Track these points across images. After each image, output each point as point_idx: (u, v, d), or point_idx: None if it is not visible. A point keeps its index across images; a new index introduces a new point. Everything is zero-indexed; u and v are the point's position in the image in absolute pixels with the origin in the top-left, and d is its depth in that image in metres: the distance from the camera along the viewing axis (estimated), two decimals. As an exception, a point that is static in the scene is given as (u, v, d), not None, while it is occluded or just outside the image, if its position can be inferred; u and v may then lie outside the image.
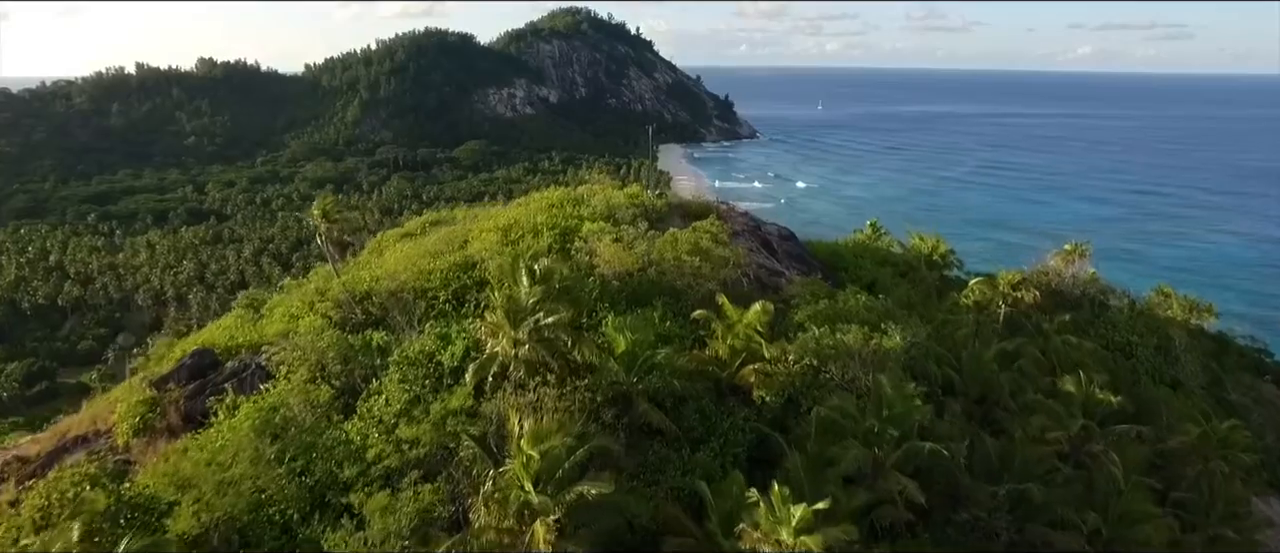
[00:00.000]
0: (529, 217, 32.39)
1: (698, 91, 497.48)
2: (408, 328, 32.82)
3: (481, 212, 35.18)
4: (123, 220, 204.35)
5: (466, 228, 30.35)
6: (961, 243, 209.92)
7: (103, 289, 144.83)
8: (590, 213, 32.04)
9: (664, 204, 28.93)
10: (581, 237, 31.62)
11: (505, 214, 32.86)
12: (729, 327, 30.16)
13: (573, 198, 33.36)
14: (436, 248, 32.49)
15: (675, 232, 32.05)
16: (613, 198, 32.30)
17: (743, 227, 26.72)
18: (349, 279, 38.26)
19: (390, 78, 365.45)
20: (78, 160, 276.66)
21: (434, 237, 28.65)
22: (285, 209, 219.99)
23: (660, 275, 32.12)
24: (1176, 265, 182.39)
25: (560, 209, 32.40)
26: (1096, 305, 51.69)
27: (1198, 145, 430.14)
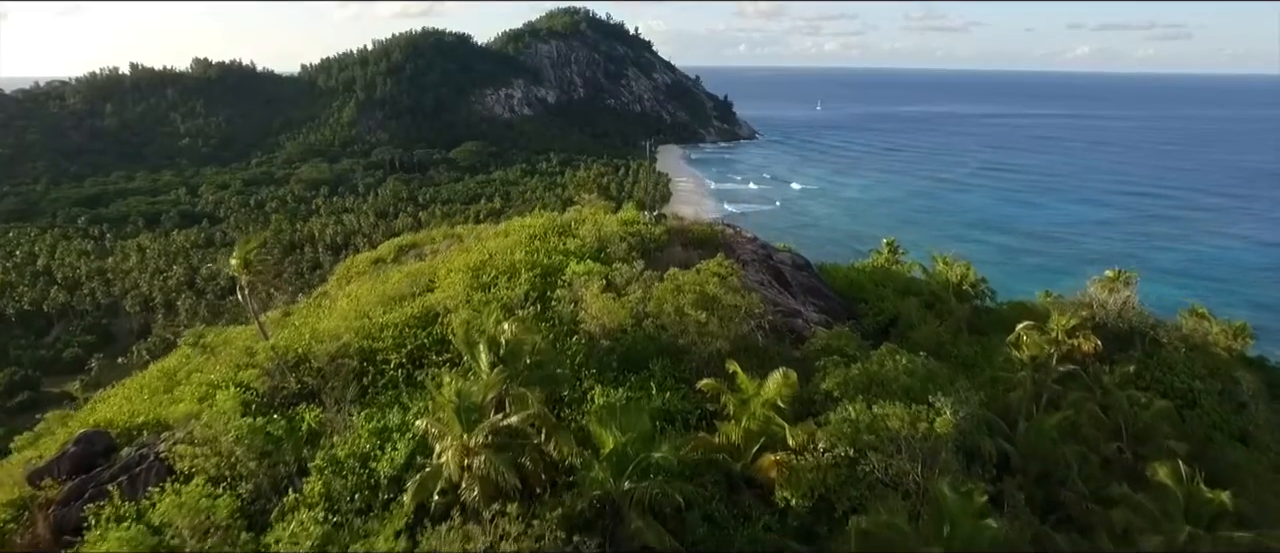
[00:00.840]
0: (506, 251, 26.63)
1: (697, 92, 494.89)
2: (343, 407, 26.86)
3: (458, 243, 28.61)
4: (114, 223, 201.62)
5: (433, 265, 26.01)
6: (962, 246, 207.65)
7: (90, 295, 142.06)
8: (578, 245, 26.55)
9: (662, 232, 24.04)
10: (565, 281, 25.92)
11: (480, 247, 27.24)
12: (743, 402, 24.65)
13: (558, 226, 28.06)
14: (398, 289, 26.18)
15: (677, 273, 26.17)
16: (604, 225, 26.99)
17: (751, 255, 22.59)
18: (283, 339, 32.14)
19: (386, 78, 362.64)
20: (70, 162, 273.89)
21: (396, 276, 23.32)
22: (279, 212, 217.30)
23: (659, 330, 26.66)
24: (1179, 270, 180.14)
25: (543, 242, 26.93)
26: (1147, 341, 44.96)
27: (1198, 146, 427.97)
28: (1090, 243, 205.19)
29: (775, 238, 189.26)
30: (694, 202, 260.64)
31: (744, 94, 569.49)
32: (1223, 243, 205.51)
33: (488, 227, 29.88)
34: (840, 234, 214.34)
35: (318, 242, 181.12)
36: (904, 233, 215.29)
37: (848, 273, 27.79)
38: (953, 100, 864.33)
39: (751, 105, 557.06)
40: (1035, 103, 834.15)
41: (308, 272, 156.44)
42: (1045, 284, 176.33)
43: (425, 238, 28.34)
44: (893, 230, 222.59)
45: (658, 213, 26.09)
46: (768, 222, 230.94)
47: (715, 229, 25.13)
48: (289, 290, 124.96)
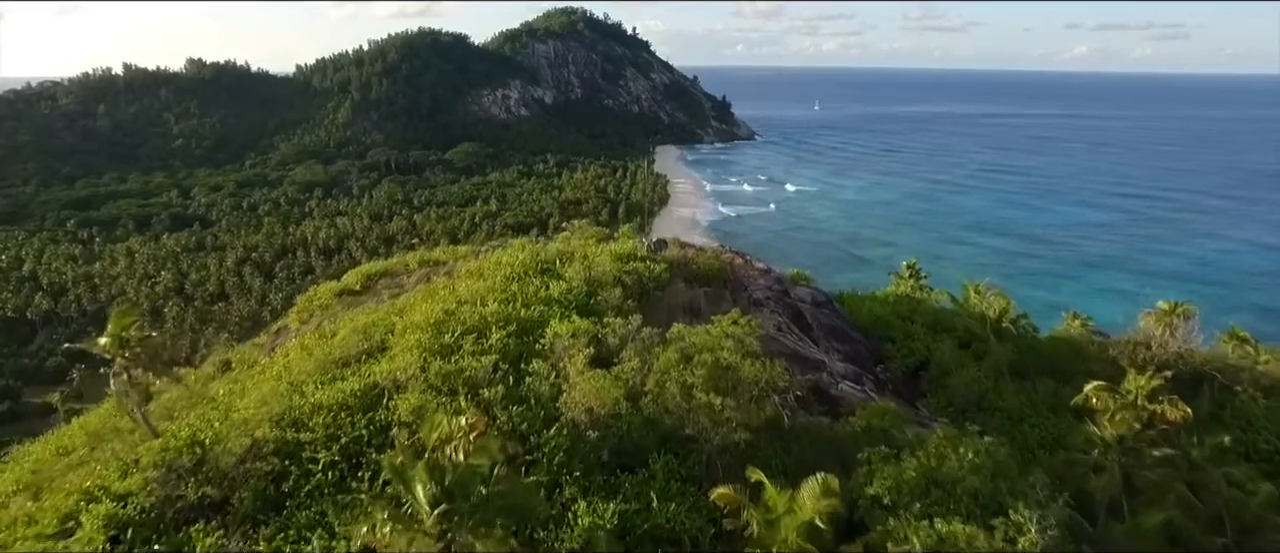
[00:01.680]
0: (478, 298, 20.03)
1: (695, 92, 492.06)
2: (249, 535, 20.16)
3: (429, 279, 22.62)
4: (104, 226, 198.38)
5: (389, 315, 19.80)
6: (960, 249, 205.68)
7: (76, 301, 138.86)
8: (563, 291, 20.46)
9: (663, 269, 20.53)
10: (545, 344, 19.63)
11: (449, 291, 20.67)
12: (771, 523, 19.22)
13: (542, 262, 22.32)
14: (343, 349, 19.77)
15: (682, 332, 20.17)
16: (595, 263, 21.37)
17: (765, 291, 18.91)
18: (185, 428, 23.97)
19: (382, 78, 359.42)
20: (62, 163, 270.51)
21: (343, 331, 18.29)
22: (272, 214, 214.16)
23: (661, 411, 20.61)
24: (1182, 273, 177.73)
25: (522, 285, 20.87)
26: (1216, 388, 38.15)
27: (1198, 147, 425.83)
28: (1091, 246, 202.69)
29: (772, 239, 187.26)
30: (692, 203, 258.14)
31: (742, 94, 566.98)
32: (1225, 246, 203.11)
33: (468, 253, 24.55)
34: (836, 237, 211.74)
35: (310, 245, 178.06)
36: (902, 235, 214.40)
37: (871, 307, 23.37)
38: (951, 100, 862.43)
39: (750, 105, 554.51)
40: (1033, 103, 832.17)
41: (299, 277, 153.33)
42: (1046, 288, 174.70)
43: (399, 264, 23.71)
44: (891, 233, 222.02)
45: (657, 240, 21.66)
46: (764, 224, 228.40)
47: (722, 259, 20.34)
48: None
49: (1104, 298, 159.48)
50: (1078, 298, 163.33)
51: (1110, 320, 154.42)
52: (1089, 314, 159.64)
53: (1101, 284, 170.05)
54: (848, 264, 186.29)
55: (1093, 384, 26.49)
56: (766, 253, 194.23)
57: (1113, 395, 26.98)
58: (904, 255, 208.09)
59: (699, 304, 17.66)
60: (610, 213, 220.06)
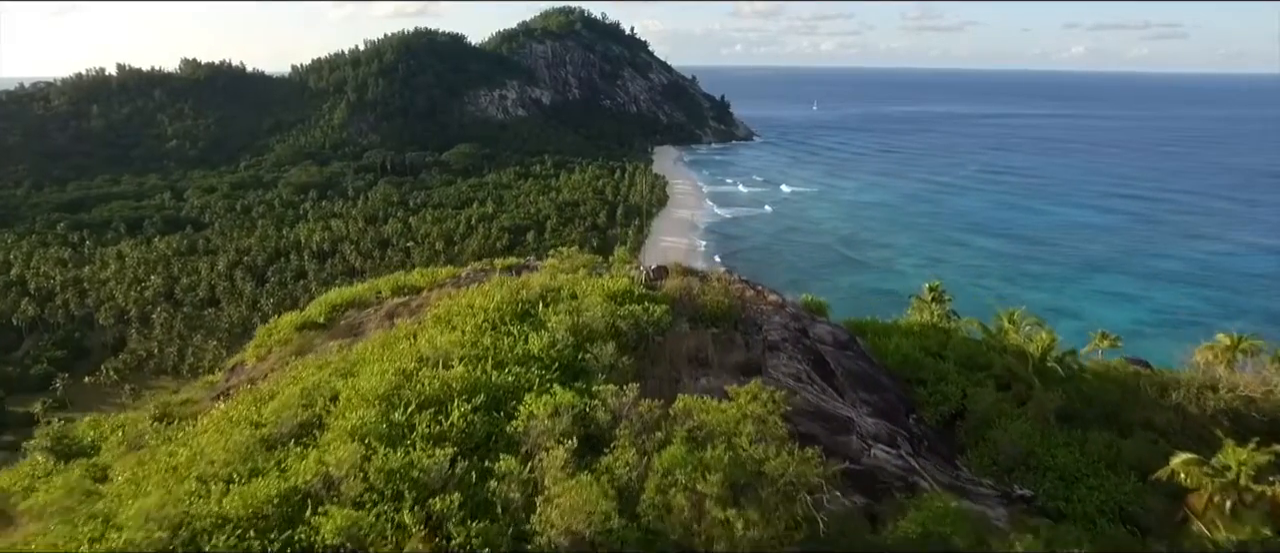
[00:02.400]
0: (443, 354, 15.25)
1: (693, 92, 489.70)
2: None
3: (395, 319, 18.58)
4: (95, 229, 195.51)
5: (333, 378, 14.73)
6: (960, 252, 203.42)
7: (63, 306, 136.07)
8: (544, 348, 15.54)
9: (664, 312, 16.48)
10: (518, 429, 14.43)
11: (408, 345, 15.89)
12: None
13: (522, 304, 17.18)
14: (274, 423, 14.78)
15: (690, 409, 15.42)
16: (584, 303, 16.88)
17: (782, 332, 15.95)
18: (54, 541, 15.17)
19: (378, 79, 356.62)
20: (54, 165, 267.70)
21: (274, 404, 14.42)
22: (266, 217, 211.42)
23: (661, 523, 15.18)
24: (1185, 277, 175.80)
25: (497, 338, 15.94)
26: None
27: (1199, 147, 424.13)
28: (1092, 248, 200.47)
29: (770, 242, 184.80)
30: (691, 205, 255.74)
31: (741, 94, 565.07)
32: (1227, 248, 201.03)
33: (449, 276, 21.27)
34: (834, 240, 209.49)
35: (304, 248, 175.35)
36: (900, 237, 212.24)
37: (898, 344, 20.10)
38: (949, 100, 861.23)
39: (748, 105, 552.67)
40: (1032, 102, 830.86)
41: (291, 282, 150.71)
42: (1048, 291, 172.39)
43: (370, 291, 20.76)
44: (889, 235, 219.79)
45: (656, 267, 18.38)
46: (761, 226, 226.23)
47: (731, 291, 17.06)
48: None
49: (1107, 302, 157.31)
50: (1080, 301, 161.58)
51: (1115, 325, 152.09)
52: (1095, 320, 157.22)
53: (1104, 287, 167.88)
54: (846, 267, 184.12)
55: (1181, 458, 21.28)
56: (765, 256, 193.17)
57: (1207, 472, 20.92)
58: (903, 258, 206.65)
59: (706, 352, 14.88)
60: (609, 215, 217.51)
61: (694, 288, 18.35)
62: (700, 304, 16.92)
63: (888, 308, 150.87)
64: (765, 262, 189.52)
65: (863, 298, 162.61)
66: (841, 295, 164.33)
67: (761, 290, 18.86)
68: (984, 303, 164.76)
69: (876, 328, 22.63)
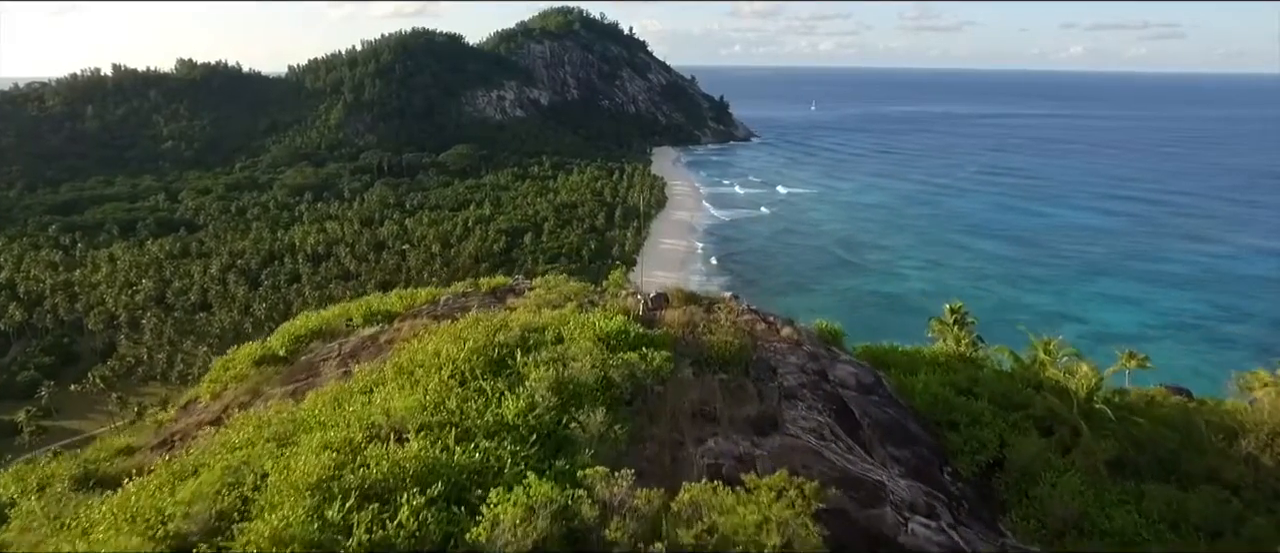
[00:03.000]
0: (394, 430, 11.56)
1: (692, 93, 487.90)
2: None
3: (354, 363, 15.40)
4: (87, 231, 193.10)
5: (264, 456, 11.39)
6: (961, 255, 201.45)
7: (52, 311, 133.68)
8: (521, 412, 12.28)
9: (665, 359, 14.01)
10: (480, 538, 10.40)
11: (361, 404, 12.55)
12: None
13: (498, 352, 14.11)
14: (184, 516, 10.62)
15: (701, 498, 11.69)
16: (571, 349, 14.11)
17: (799, 375, 13.75)
18: None
19: (375, 79, 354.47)
20: (48, 166, 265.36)
21: (196, 484, 11.93)
22: (261, 219, 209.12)
23: None
24: (1189, 280, 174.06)
25: (466, 397, 12.57)
26: None
27: (1199, 148, 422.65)
28: (1094, 251, 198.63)
29: (767, 244, 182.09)
30: (690, 207, 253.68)
31: (739, 94, 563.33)
32: (1231, 251, 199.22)
33: (428, 298, 18.99)
34: (832, 242, 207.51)
35: (298, 251, 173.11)
36: (899, 239, 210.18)
37: (927, 381, 17.70)
38: (947, 100, 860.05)
39: (747, 106, 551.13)
40: (1031, 102, 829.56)
41: (284, 286, 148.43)
42: (1052, 296, 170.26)
43: (340, 317, 18.39)
44: (888, 237, 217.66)
45: (656, 295, 16.26)
46: (760, 228, 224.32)
47: (740, 324, 14.91)
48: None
49: (1111, 305, 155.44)
50: (1083, 305, 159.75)
51: (1120, 329, 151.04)
52: (1099, 324, 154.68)
53: (1107, 291, 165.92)
54: (845, 270, 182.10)
55: None
56: (763, 259, 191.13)
57: None
58: (902, 260, 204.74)
59: (713, 404, 12.75)
60: (607, 217, 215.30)
61: (698, 321, 16.16)
62: (706, 345, 14.70)
63: (888, 311, 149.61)
64: (764, 265, 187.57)
65: (862, 302, 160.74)
66: (841, 300, 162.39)
67: (773, 322, 16.61)
68: (986, 306, 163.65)
69: (899, 359, 20.29)
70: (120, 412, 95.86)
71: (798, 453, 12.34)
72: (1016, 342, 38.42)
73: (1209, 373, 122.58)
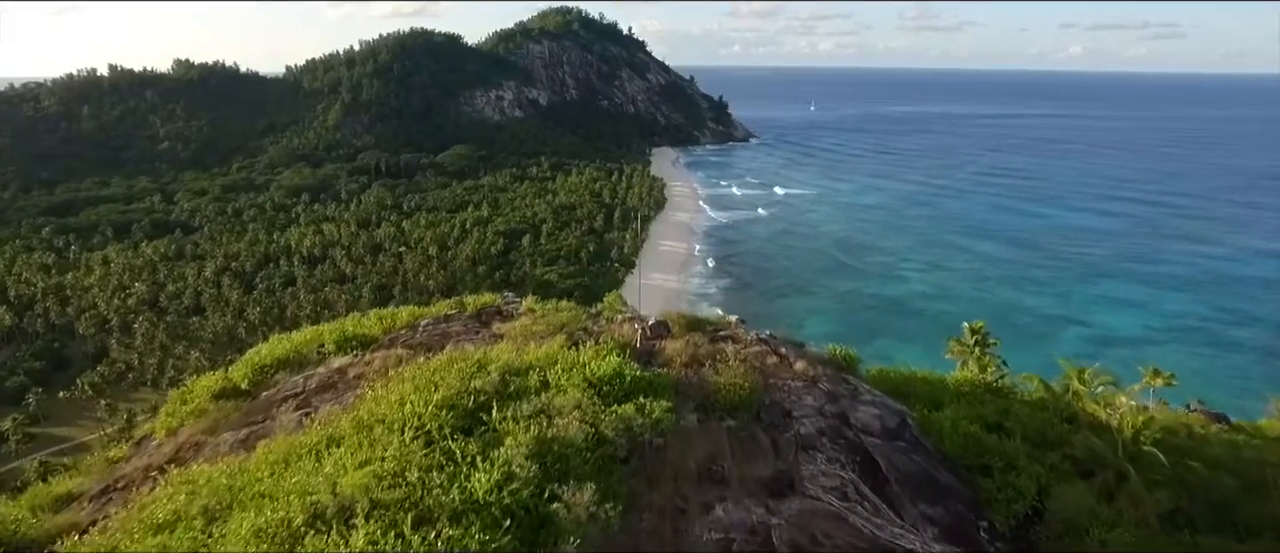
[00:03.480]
0: (341, 512, 8.78)
1: (692, 93, 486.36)
2: None
3: (301, 425, 12.97)
4: (81, 233, 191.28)
5: (190, 532, 9.32)
6: (962, 258, 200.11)
7: (43, 315, 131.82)
8: (492, 487, 9.30)
9: (665, 410, 11.72)
10: None
11: (309, 469, 10.17)
12: None
13: (477, 397, 11.76)
14: None
15: None
16: (557, 400, 11.73)
17: (817, 420, 12.00)
18: None
19: (373, 79, 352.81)
20: (43, 167, 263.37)
21: None
22: (257, 220, 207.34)
23: None
24: (1193, 283, 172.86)
25: (431, 464, 9.94)
26: None
27: (1201, 148, 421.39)
28: (1096, 253, 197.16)
29: (767, 247, 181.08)
30: (690, 208, 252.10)
31: (739, 94, 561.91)
32: (1233, 253, 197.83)
33: (409, 320, 17.33)
34: (832, 244, 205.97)
35: (294, 253, 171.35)
36: (899, 241, 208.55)
37: (955, 419, 15.87)
38: (947, 100, 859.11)
39: (746, 106, 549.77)
40: (1030, 102, 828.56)
41: (279, 289, 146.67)
42: (1055, 298, 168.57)
43: (312, 341, 16.77)
44: (887, 239, 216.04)
45: (655, 323, 14.52)
46: (759, 230, 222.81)
47: (750, 356, 13.19)
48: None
49: (1114, 308, 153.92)
50: (1087, 307, 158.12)
51: (1124, 332, 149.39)
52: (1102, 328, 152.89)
53: (1109, 293, 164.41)
54: (845, 273, 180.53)
55: None
56: (763, 261, 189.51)
57: None
58: (903, 263, 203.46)
59: (722, 462, 11.07)
60: (606, 218, 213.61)
61: (702, 355, 14.47)
62: (711, 387, 12.94)
63: (889, 314, 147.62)
64: (764, 267, 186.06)
65: (863, 305, 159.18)
66: (842, 303, 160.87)
67: (785, 354, 14.84)
68: (988, 308, 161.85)
69: (919, 389, 18.51)
70: (109, 419, 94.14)
71: (819, 519, 10.69)
72: (1020, 345, 36.69)
73: (1215, 377, 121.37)
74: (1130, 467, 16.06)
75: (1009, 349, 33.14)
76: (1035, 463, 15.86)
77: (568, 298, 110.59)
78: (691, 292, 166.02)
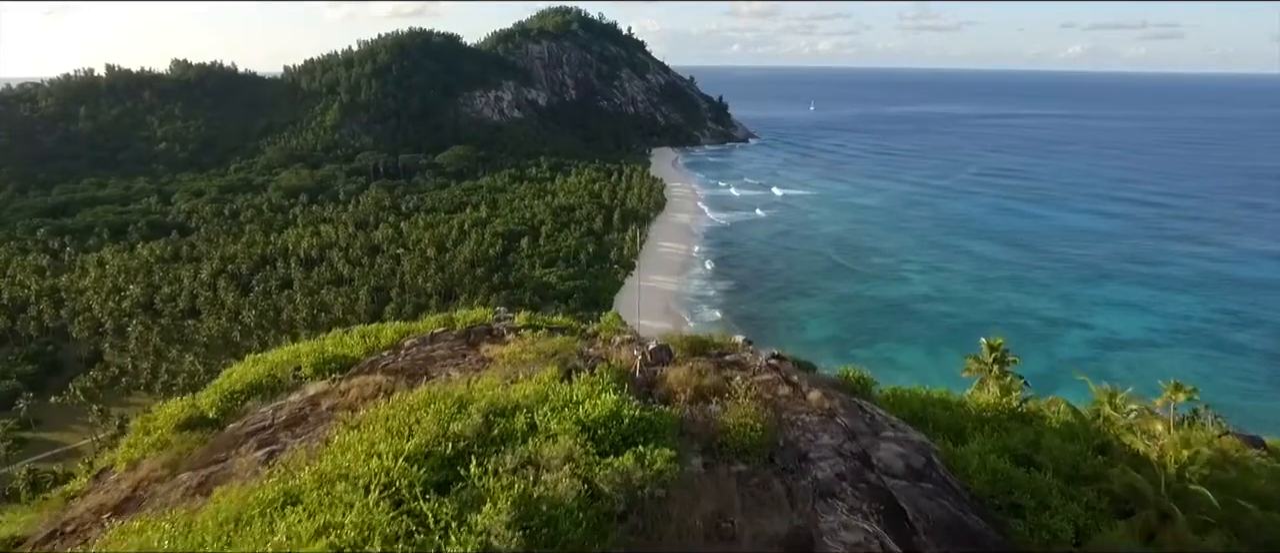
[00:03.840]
0: None
1: (691, 93, 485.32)
2: None
3: (267, 466, 11.29)
4: (77, 235, 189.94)
5: None
6: (964, 261, 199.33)
7: (36, 318, 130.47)
8: None
9: (669, 461, 9.95)
10: None
11: (258, 531, 8.51)
12: None
13: (450, 447, 9.95)
14: None
15: None
16: (546, 449, 9.88)
17: (835, 463, 10.75)
18: None
19: (371, 80, 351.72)
20: (39, 168, 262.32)
21: None
22: (254, 222, 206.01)
23: None
24: (1197, 285, 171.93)
25: (400, 531, 7.98)
26: None
27: (1202, 149, 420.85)
28: (1098, 255, 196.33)
29: (768, 249, 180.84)
30: (690, 209, 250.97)
31: (738, 94, 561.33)
32: (1236, 255, 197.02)
33: (395, 337, 16.17)
34: (832, 246, 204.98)
35: (291, 255, 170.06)
36: (899, 243, 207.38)
37: (981, 452, 14.75)
38: (946, 100, 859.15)
39: (746, 106, 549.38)
40: (1030, 103, 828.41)
41: (276, 292, 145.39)
42: (1058, 301, 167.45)
43: (289, 363, 15.49)
44: (888, 240, 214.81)
45: (656, 348, 13.41)
46: (759, 232, 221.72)
47: (762, 395, 11.86)
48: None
49: (1117, 311, 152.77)
50: (1090, 310, 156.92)
51: (1128, 336, 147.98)
52: (1106, 331, 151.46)
53: (1112, 296, 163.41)
54: (845, 275, 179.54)
55: None
56: (763, 264, 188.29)
57: None
58: (904, 265, 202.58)
59: (732, 517, 9.84)
60: (605, 220, 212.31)
61: (707, 384, 13.20)
62: (719, 426, 11.64)
63: (890, 317, 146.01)
64: (764, 269, 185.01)
65: (864, 307, 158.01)
66: (843, 305, 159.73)
67: (799, 383, 13.45)
68: (990, 311, 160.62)
69: (940, 416, 17.18)
70: (102, 424, 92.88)
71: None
72: (1024, 349, 35.52)
73: (1221, 382, 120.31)
74: (1175, 506, 14.72)
75: (1012, 352, 31.94)
76: (1070, 501, 14.56)
77: (568, 301, 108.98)
78: (691, 294, 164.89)
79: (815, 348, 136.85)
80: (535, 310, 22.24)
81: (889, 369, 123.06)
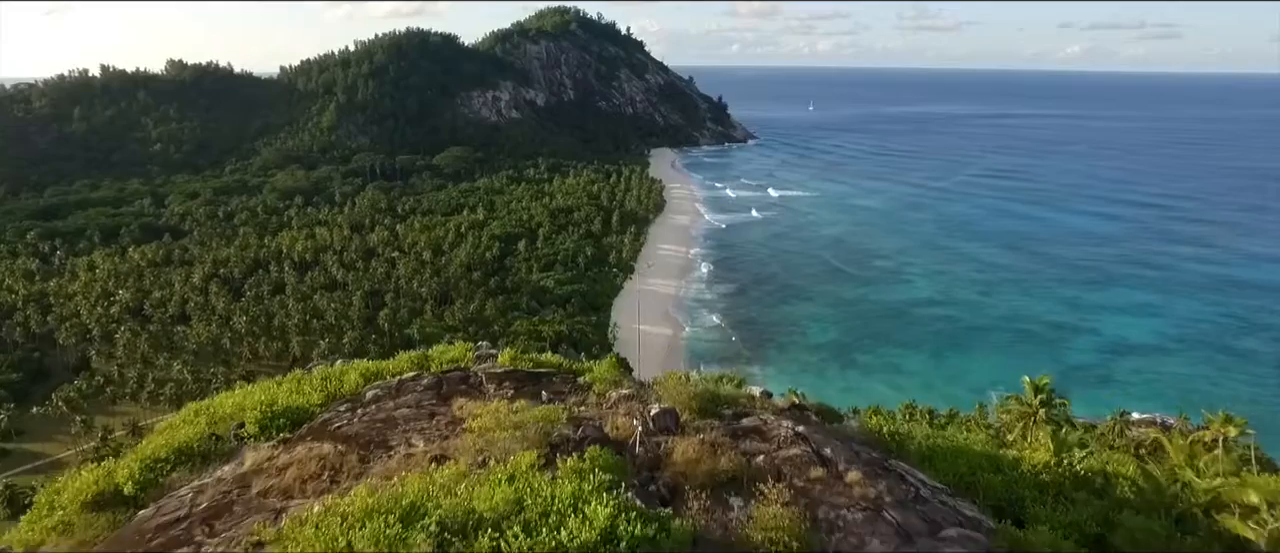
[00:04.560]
0: None
1: (690, 93, 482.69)
2: None
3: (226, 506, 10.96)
4: (68, 238, 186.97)
5: None
6: (967, 266, 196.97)
7: (23, 324, 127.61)
8: None
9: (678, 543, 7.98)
10: None
11: None
12: None
13: (422, 528, 7.65)
14: None
15: None
16: (534, 509, 8.09)
17: (855, 494, 8.79)
18: None
19: (368, 80, 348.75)
20: (33, 169, 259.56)
21: None
22: (248, 224, 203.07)
23: None
24: (1201, 287, 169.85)
25: None
26: None
27: (1203, 149, 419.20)
28: (1102, 257, 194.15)
29: (768, 251, 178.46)
30: (689, 211, 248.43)
31: (738, 94, 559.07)
32: (1240, 257, 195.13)
33: (357, 385, 14.18)
34: (832, 249, 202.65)
35: (284, 259, 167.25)
36: (901, 246, 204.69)
37: (1049, 537, 12.58)
38: (946, 100, 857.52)
39: (745, 106, 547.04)
40: (1029, 102, 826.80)
41: (268, 297, 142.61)
42: (1064, 305, 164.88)
43: (233, 417, 13.32)
44: (889, 243, 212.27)
45: (661, 412, 11.43)
46: (759, 233, 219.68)
47: (794, 488, 9.57)
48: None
49: (1124, 315, 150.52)
50: (1097, 314, 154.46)
51: (1137, 341, 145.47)
52: (1115, 337, 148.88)
53: (1118, 301, 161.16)
54: (846, 279, 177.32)
55: None
56: (763, 267, 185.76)
57: None
58: (906, 268, 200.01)
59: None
60: (604, 222, 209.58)
61: (723, 466, 10.72)
62: (744, 544, 8.91)
63: (891, 322, 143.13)
64: (764, 272, 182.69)
65: (867, 311, 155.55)
66: (844, 309, 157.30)
67: (832, 460, 10.90)
68: (995, 315, 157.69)
69: (994, 483, 14.55)
70: (86, 435, 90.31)
71: None
72: (1030, 355, 33.15)
73: (1230, 387, 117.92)
74: (1203, 533, 12.29)
75: (1018, 360, 28.65)
76: (1099, 522, 12.14)
77: (566, 305, 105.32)
78: (691, 298, 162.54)
79: (818, 352, 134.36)
80: (532, 315, 20.32)
81: (893, 375, 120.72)
